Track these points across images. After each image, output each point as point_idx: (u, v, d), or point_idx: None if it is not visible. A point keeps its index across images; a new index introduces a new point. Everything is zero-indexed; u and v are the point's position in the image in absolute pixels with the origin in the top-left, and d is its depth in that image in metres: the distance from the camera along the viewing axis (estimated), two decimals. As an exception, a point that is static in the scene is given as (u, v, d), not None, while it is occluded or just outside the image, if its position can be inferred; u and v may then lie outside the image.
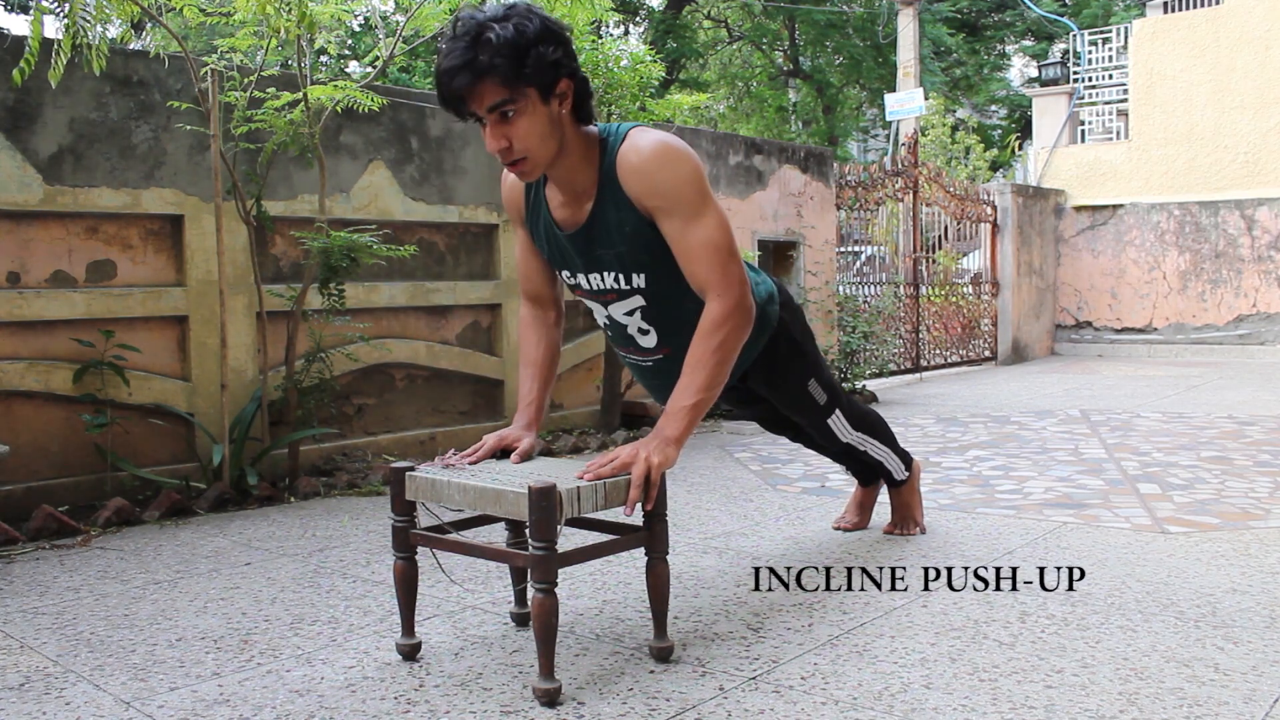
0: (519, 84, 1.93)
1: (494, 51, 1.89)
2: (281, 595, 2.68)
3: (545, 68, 1.94)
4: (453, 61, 1.92)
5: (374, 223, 4.50)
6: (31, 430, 3.70)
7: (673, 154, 2.04)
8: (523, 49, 1.91)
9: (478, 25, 1.92)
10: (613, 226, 2.12)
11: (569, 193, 2.14)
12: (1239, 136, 10.13)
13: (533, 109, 1.96)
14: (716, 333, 2.08)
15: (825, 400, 2.73)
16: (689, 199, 2.05)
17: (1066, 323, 11.13)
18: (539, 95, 1.96)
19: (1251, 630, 2.25)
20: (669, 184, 2.04)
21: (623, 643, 2.24)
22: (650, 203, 2.07)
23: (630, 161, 2.05)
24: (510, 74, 1.91)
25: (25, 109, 3.65)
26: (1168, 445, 4.90)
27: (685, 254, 2.09)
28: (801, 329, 2.62)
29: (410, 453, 4.77)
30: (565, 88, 2.00)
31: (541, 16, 1.97)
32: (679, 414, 2.07)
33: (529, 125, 1.97)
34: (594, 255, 2.19)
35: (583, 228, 2.15)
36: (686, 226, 2.07)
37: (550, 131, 2.00)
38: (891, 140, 14.65)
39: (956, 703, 1.89)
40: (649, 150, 2.04)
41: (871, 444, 2.95)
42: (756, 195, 6.72)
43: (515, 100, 1.94)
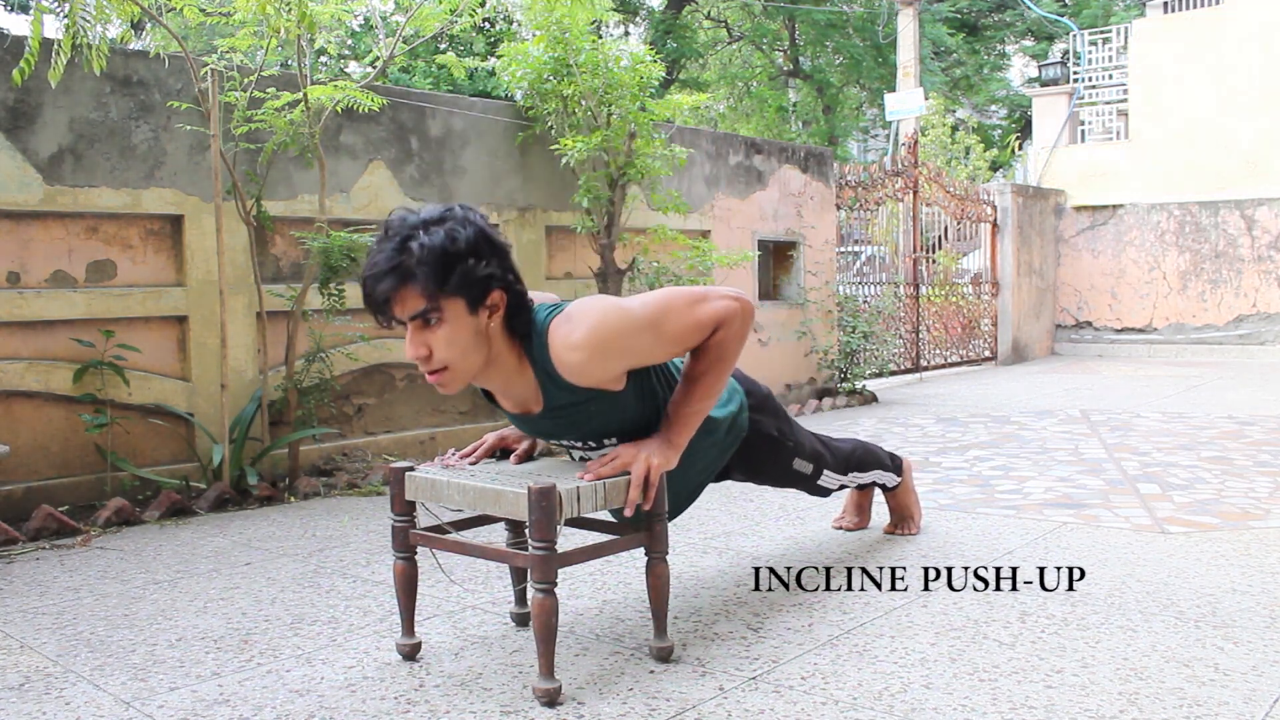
0: (442, 295, 1.85)
1: (418, 259, 1.82)
2: (281, 595, 2.68)
3: (474, 281, 1.86)
4: (377, 266, 1.85)
5: (374, 223, 4.50)
6: (31, 430, 3.70)
7: (602, 342, 1.93)
8: (450, 259, 1.84)
9: (408, 229, 1.86)
10: (574, 410, 2.05)
11: (512, 397, 2.07)
12: (1239, 136, 10.13)
13: (456, 320, 1.87)
14: (720, 347, 2.07)
15: (811, 470, 2.70)
16: (644, 346, 1.99)
17: (1066, 323, 11.13)
18: (466, 306, 1.87)
19: (1251, 630, 2.25)
20: (619, 357, 1.97)
21: (623, 643, 2.24)
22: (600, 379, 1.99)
23: (571, 363, 1.94)
24: (433, 283, 1.83)
25: (25, 109, 3.65)
26: (1168, 445, 4.90)
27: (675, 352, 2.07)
28: (775, 417, 2.56)
29: (410, 453, 4.77)
30: (496, 300, 1.91)
31: (478, 226, 1.90)
32: (681, 419, 2.08)
33: (451, 335, 1.88)
34: (560, 431, 2.14)
35: (543, 415, 2.08)
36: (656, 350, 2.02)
37: (474, 344, 1.91)
38: (891, 140, 14.65)
39: (956, 703, 1.89)
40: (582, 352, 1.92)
41: (861, 477, 2.94)
42: (756, 195, 6.72)
43: (437, 309, 1.86)
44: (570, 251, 5.56)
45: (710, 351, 2.07)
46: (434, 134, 4.89)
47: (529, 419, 2.11)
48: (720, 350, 2.08)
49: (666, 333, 2.00)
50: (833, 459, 2.78)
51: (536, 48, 4.99)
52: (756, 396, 2.51)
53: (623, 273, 5.25)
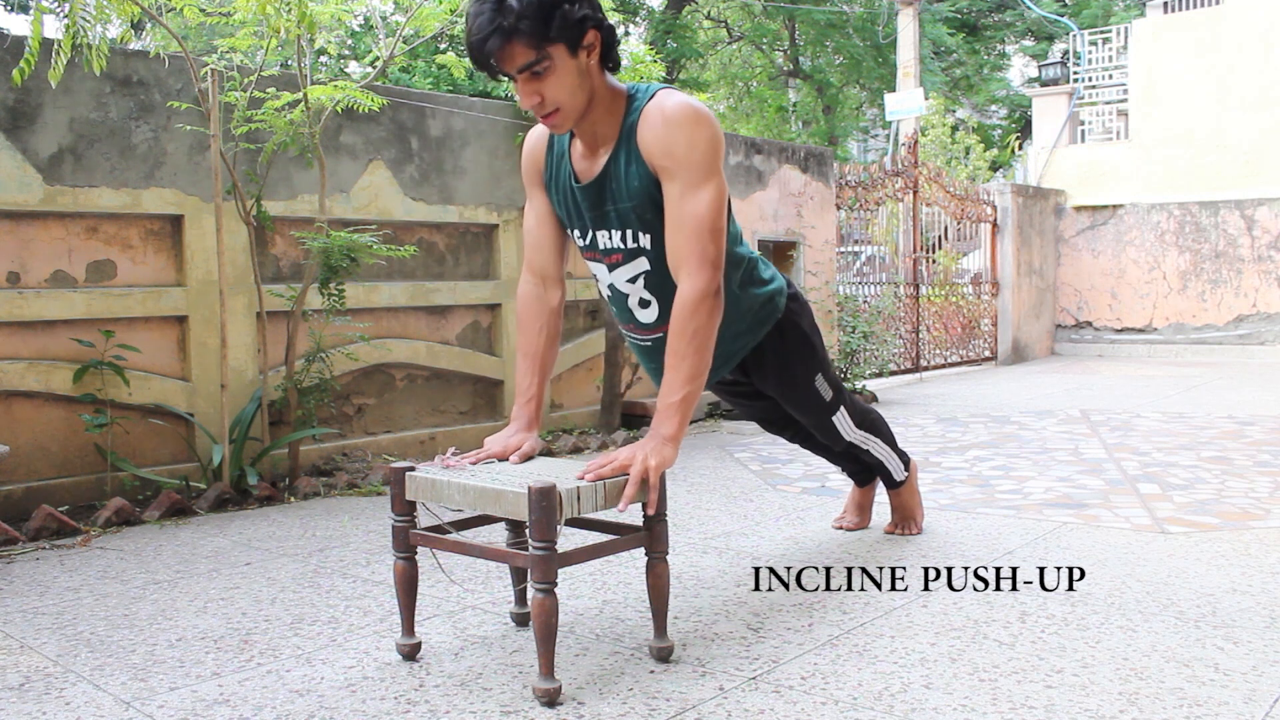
0: (547, 43, 1.95)
1: (519, 14, 1.92)
2: (281, 595, 2.68)
3: (572, 24, 1.97)
4: (481, 26, 1.94)
5: (374, 223, 4.50)
6: (31, 430, 3.70)
7: (693, 118, 2.06)
8: (549, 8, 1.94)
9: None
10: (623, 180, 2.15)
11: (589, 143, 2.17)
12: (1239, 136, 10.12)
13: (562, 64, 1.99)
14: (690, 322, 2.07)
15: (831, 397, 2.73)
16: (694, 167, 2.07)
17: (1066, 323, 11.13)
18: (567, 50, 1.98)
19: (1251, 630, 2.25)
20: (680, 147, 2.06)
21: (623, 643, 2.24)
22: (659, 162, 2.09)
23: (651, 118, 2.08)
24: (538, 34, 1.94)
25: (25, 109, 3.65)
26: (1168, 445, 4.90)
27: (672, 222, 2.10)
28: (810, 323, 2.63)
29: (410, 453, 4.77)
30: (592, 39, 2.02)
31: None
32: (669, 411, 2.07)
33: (559, 80, 2.00)
34: (603, 210, 2.21)
35: (595, 180, 2.18)
36: (683, 194, 2.08)
37: (580, 84, 2.03)
38: (891, 140, 14.65)
39: (956, 703, 1.89)
40: (672, 110, 2.07)
41: (874, 443, 2.94)
42: (756, 195, 6.72)
43: (544, 59, 1.97)
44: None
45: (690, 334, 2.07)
46: (434, 134, 4.89)
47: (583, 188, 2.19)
48: (703, 337, 2.08)
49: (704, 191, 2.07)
50: (852, 403, 2.83)
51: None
52: (795, 289, 2.61)
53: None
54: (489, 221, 5.12)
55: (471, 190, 5.04)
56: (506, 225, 5.17)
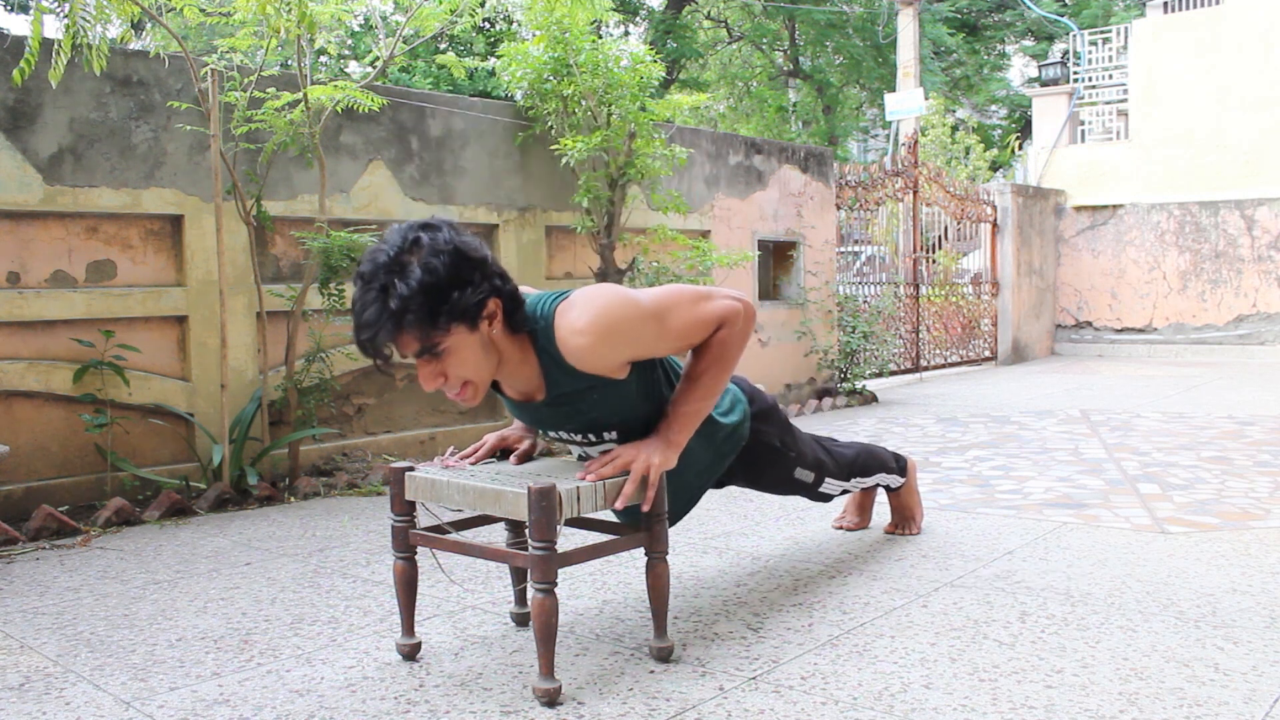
0: (439, 329, 1.83)
1: (402, 308, 1.79)
2: (281, 595, 2.68)
3: (467, 306, 1.84)
4: (367, 318, 1.81)
5: (374, 223, 4.50)
6: (31, 430, 3.70)
7: (606, 328, 1.92)
8: (436, 297, 1.81)
9: (383, 273, 1.81)
10: (575, 398, 2.05)
11: (517, 389, 2.08)
12: (1239, 136, 10.12)
13: (462, 342, 1.87)
14: (721, 345, 2.08)
15: (813, 479, 2.69)
16: (647, 337, 1.99)
17: (1066, 323, 11.13)
18: (466, 328, 1.86)
19: (1251, 630, 2.25)
20: (623, 345, 1.97)
21: (623, 643, 2.24)
22: (617, 365, 2.00)
23: (577, 346, 1.93)
24: (428, 324, 1.82)
25: (25, 109, 3.65)
26: (1168, 445, 4.90)
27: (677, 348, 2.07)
28: (779, 429, 2.56)
29: (410, 453, 4.77)
30: (493, 308, 1.89)
31: (453, 246, 1.85)
32: (678, 418, 2.08)
33: (460, 358, 1.89)
34: (561, 423, 2.14)
35: (546, 403, 2.08)
36: (659, 343, 2.02)
37: (485, 355, 1.92)
38: (891, 140, 14.65)
39: (956, 703, 1.89)
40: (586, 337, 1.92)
41: (864, 481, 2.94)
42: (756, 195, 6.72)
43: (441, 341, 1.85)
44: (570, 251, 5.56)
45: (711, 350, 2.08)
46: (434, 134, 4.89)
47: (532, 407, 2.11)
48: (721, 349, 2.08)
49: (670, 326, 2.01)
50: (835, 466, 2.76)
51: (536, 48, 5.00)
52: (760, 405, 2.51)
53: (623, 273, 5.25)
54: (489, 221, 5.12)
55: (471, 190, 5.04)
56: (506, 225, 5.17)
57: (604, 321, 1.92)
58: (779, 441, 2.54)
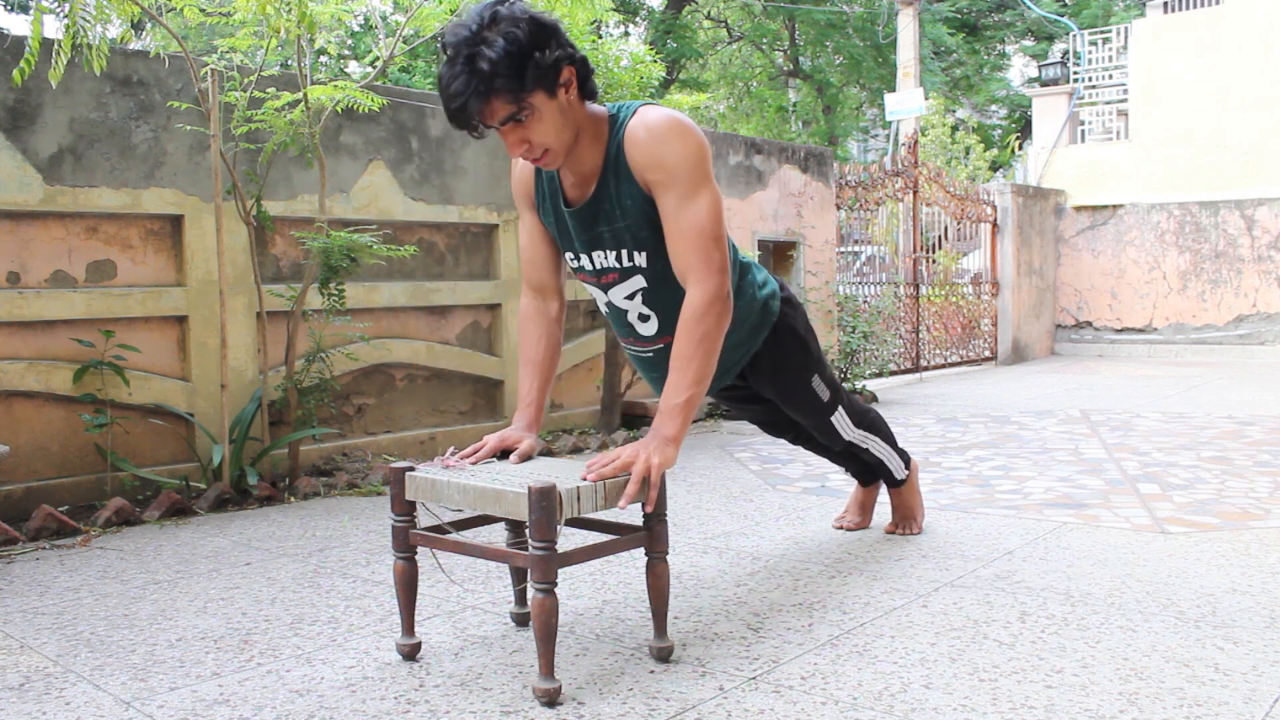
0: (525, 93, 1.95)
1: (493, 71, 1.90)
2: (281, 595, 2.68)
3: (546, 69, 1.96)
4: (457, 89, 1.93)
5: (374, 223, 4.50)
6: (31, 430, 3.70)
7: (678, 129, 2.06)
8: (520, 60, 1.92)
9: (469, 46, 1.92)
10: (615, 202, 2.14)
11: (577, 171, 2.17)
12: (1239, 136, 10.12)
13: (543, 108, 1.99)
14: (699, 325, 2.08)
15: (828, 398, 2.73)
16: (687, 177, 2.07)
17: (1066, 323, 11.13)
18: (546, 94, 1.98)
19: (1251, 630, 2.25)
20: (670, 159, 2.06)
21: (623, 643, 2.24)
22: (650, 176, 2.09)
23: (636, 135, 2.08)
24: (515, 87, 1.93)
25: (25, 109, 3.65)
26: (1168, 445, 4.90)
27: (672, 234, 2.11)
28: (804, 325, 2.63)
29: (410, 453, 4.77)
30: (568, 75, 2.02)
31: (529, 15, 1.97)
32: (673, 412, 2.08)
33: (543, 124, 2.00)
34: (596, 232, 2.21)
35: (588, 203, 2.18)
36: (680, 205, 2.08)
37: (564, 122, 2.04)
38: (891, 140, 14.65)
39: (956, 703, 1.89)
40: (655, 124, 2.07)
41: (873, 441, 2.94)
42: (756, 195, 6.72)
43: (525, 108, 1.97)
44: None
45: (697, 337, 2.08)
46: (434, 134, 4.89)
47: (575, 211, 2.19)
48: (709, 341, 2.09)
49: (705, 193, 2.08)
50: (850, 403, 2.83)
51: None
52: (789, 292, 2.60)
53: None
54: (489, 221, 5.12)
55: (471, 190, 5.04)
56: (506, 225, 5.16)
57: (674, 123, 2.06)
58: (804, 332, 2.62)
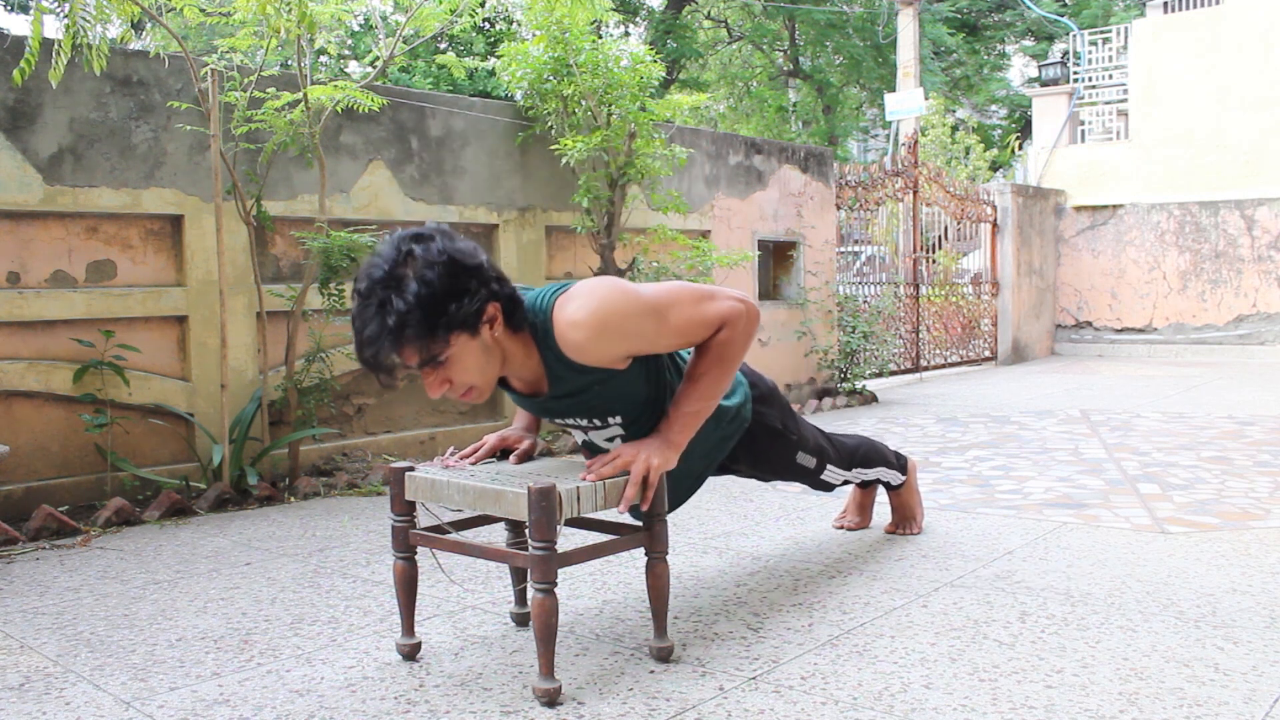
0: (439, 340, 1.84)
1: (405, 320, 1.79)
2: (281, 595, 2.68)
3: (466, 315, 1.84)
4: (369, 334, 1.81)
5: (374, 223, 4.50)
6: (31, 430, 3.70)
7: (604, 321, 1.92)
8: (434, 309, 1.81)
9: (380, 287, 1.81)
10: (579, 390, 2.06)
11: (520, 378, 2.08)
12: (1239, 136, 10.12)
13: (464, 348, 1.88)
14: (723, 346, 2.07)
15: (814, 464, 2.70)
16: (646, 332, 1.98)
17: (1066, 323, 11.12)
18: (467, 335, 1.87)
19: (1251, 630, 2.25)
20: (621, 339, 1.96)
21: (623, 643, 2.24)
22: (617, 358, 2.01)
23: (575, 342, 1.93)
24: (429, 335, 1.82)
25: (25, 109, 3.65)
26: (1168, 445, 4.90)
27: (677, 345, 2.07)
28: (781, 411, 2.57)
29: (410, 453, 4.77)
30: (493, 312, 1.89)
31: (447, 255, 1.84)
32: (680, 419, 2.08)
33: (464, 364, 1.89)
34: (564, 415, 2.16)
35: (550, 397, 2.09)
36: (659, 339, 2.02)
37: (488, 358, 1.93)
38: (891, 140, 14.65)
39: (956, 703, 1.89)
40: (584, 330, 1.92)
41: (865, 473, 2.94)
42: (756, 195, 6.72)
43: (442, 351, 1.86)
44: (570, 251, 5.56)
45: (713, 351, 2.08)
46: (434, 134, 4.89)
47: (537, 400, 2.12)
48: (723, 350, 2.08)
49: (670, 323, 2.00)
50: (836, 454, 2.79)
51: (536, 48, 5.00)
52: (761, 389, 2.52)
53: (623, 273, 5.25)
54: (489, 221, 5.12)
55: (471, 190, 5.04)
56: (506, 225, 5.17)
57: (601, 315, 1.92)
58: (781, 424, 2.56)
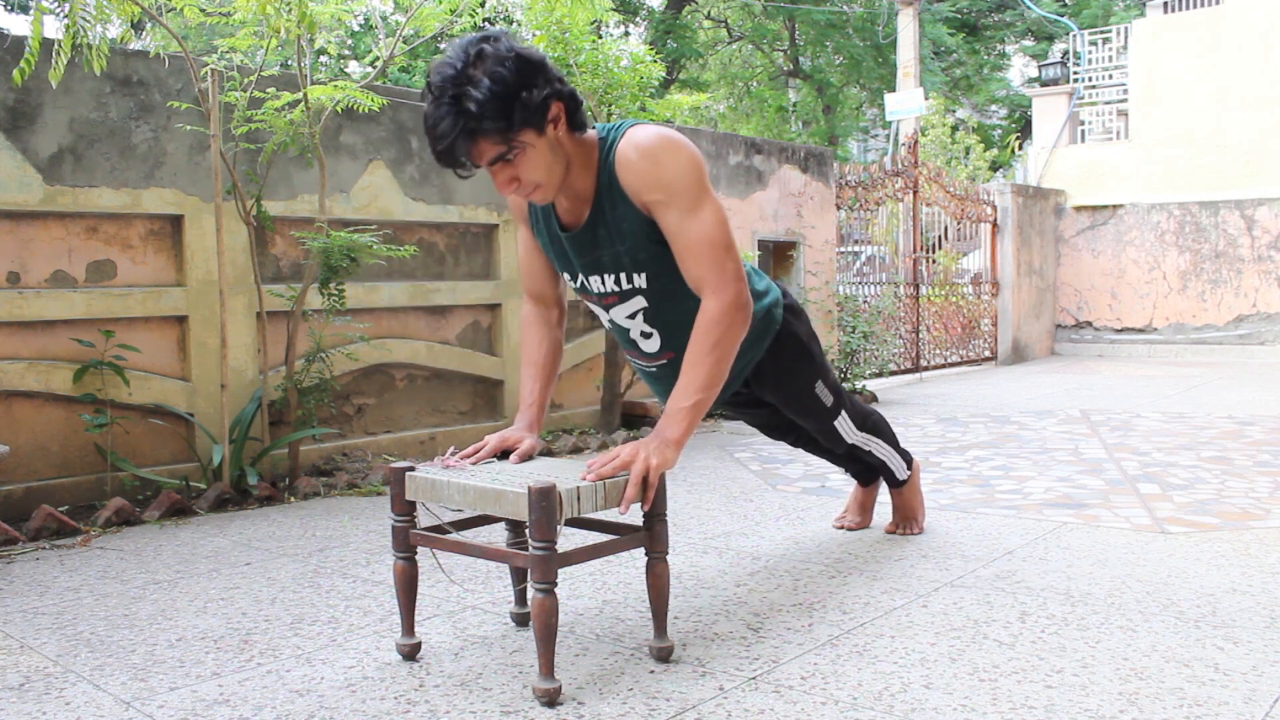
0: (513, 133, 1.92)
1: (480, 112, 1.87)
2: (281, 595, 2.68)
3: (534, 108, 1.93)
4: (444, 131, 1.90)
5: (374, 223, 4.50)
6: (31, 430, 3.70)
7: (669, 146, 2.04)
8: (507, 100, 1.89)
9: (454, 85, 1.89)
10: (612, 225, 2.12)
11: (570, 197, 2.14)
12: (1239, 136, 10.12)
13: (532, 146, 1.96)
14: (713, 331, 2.07)
15: (832, 403, 2.73)
16: (686, 191, 2.05)
17: (1066, 323, 11.13)
18: (535, 132, 1.95)
19: (1251, 630, 2.25)
20: (666, 177, 2.04)
21: (623, 643, 2.24)
22: (648, 197, 2.07)
23: (628, 158, 2.04)
24: (503, 127, 1.90)
25: (25, 109, 3.65)
26: (1168, 445, 4.90)
27: (681, 249, 2.09)
28: (807, 331, 2.62)
29: (410, 453, 4.77)
30: (557, 111, 1.99)
31: (515, 52, 1.93)
32: (679, 415, 2.07)
33: (533, 161, 1.98)
34: (595, 256, 2.19)
35: (584, 228, 2.15)
36: (683, 220, 2.06)
37: (554, 158, 2.01)
38: (891, 140, 14.65)
39: (956, 703, 1.89)
40: (646, 144, 2.04)
41: (876, 444, 2.95)
42: (756, 195, 6.72)
43: (514, 147, 1.94)
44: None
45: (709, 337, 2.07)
46: (434, 134, 4.88)
47: (573, 237, 2.17)
48: (720, 336, 2.08)
49: (704, 209, 2.06)
50: (852, 406, 2.83)
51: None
52: (790, 299, 2.58)
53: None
54: (489, 221, 5.12)
55: (471, 190, 5.04)
56: (506, 225, 5.16)
57: (661, 144, 2.03)
58: (807, 339, 2.60)
